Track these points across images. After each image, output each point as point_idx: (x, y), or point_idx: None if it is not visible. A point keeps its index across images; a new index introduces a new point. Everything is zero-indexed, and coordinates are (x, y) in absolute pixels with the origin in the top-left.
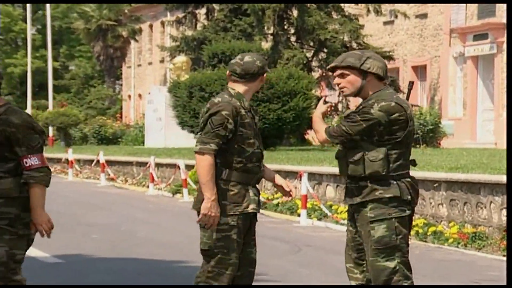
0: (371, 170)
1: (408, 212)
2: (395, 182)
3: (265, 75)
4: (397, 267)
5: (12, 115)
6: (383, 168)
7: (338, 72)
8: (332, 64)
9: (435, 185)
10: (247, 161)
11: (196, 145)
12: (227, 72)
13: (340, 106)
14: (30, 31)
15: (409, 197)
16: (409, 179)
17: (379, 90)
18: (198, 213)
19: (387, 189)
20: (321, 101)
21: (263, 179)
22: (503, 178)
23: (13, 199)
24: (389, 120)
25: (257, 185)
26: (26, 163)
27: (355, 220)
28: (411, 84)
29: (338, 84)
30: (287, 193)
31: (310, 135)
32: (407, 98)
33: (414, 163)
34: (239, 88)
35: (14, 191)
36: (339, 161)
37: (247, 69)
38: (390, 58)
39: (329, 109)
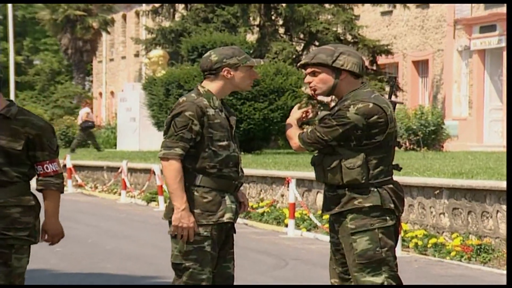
0: (349, 178)
1: (392, 221)
2: (375, 190)
3: (229, 69)
4: (385, 283)
5: (31, 116)
6: (362, 175)
7: (309, 70)
8: (302, 61)
9: (436, 192)
10: (221, 166)
11: (160, 150)
12: None
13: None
14: None
15: (392, 205)
16: (391, 186)
17: (355, 89)
18: (170, 223)
19: (367, 198)
20: (296, 106)
21: None
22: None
23: (30, 208)
24: (367, 123)
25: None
26: (47, 168)
27: (337, 232)
28: (393, 79)
29: (309, 83)
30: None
31: None
32: (390, 96)
33: (398, 167)
34: (209, 86)
35: (31, 199)
36: (315, 168)
37: (202, 65)
38: (388, 52)
39: (304, 115)
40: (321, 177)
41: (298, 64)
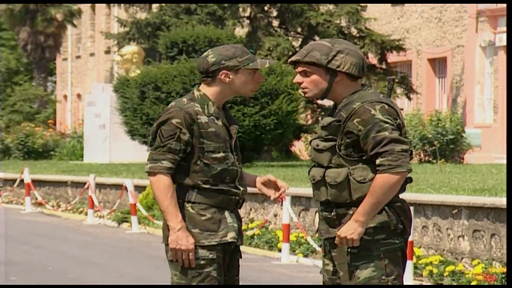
0: (361, 193)
1: (400, 244)
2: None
3: (227, 72)
4: None
5: None
6: None
7: (300, 68)
8: (293, 58)
9: (454, 211)
10: (216, 181)
11: (147, 164)
12: None
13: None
14: None
15: (401, 226)
16: (399, 204)
17: (357, 91)
18: (167, 245)
19: (373, 217)
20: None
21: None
22: None
23: None
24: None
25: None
26: None
27: (333, 258)
28: (391, 82)
29: (300, 84)
30: (277, 189)
31: (296, 147)
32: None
33: (410, 180)
34: (206, 89)
35: None
36: (315, 184)
37: (199, 66)
38: (400, 48)
39: None
40: (322, 194)
41: (289, 60)
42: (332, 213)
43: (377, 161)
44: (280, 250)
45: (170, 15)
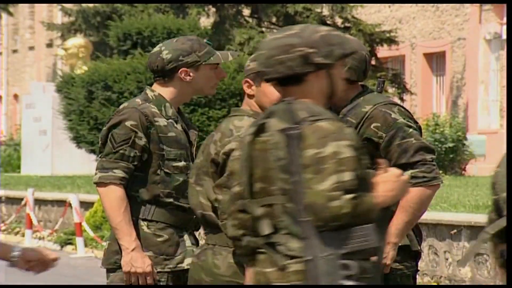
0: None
1: (414, 268)
2: None
3: (187, 70)
4: None
5: None
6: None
7: None
8: None
9: (453, 232)
10: (178, 195)
11: (95, 173)
12: None
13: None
14: None
15: (420, 247)
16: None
17: (360, 93)
18: (108, 270)
19: None
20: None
21: None
22: None
23: None
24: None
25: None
26: None
27: None
28: (381, 83)
29: None
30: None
31: None
32: None
33: None
34: (161, 90)
35: None
36: None
37: (151, 64)
38: (391, 41)
39: None
40: None
41: None
42: None
43: (407, 173)
44: None
45: (123, 3)
